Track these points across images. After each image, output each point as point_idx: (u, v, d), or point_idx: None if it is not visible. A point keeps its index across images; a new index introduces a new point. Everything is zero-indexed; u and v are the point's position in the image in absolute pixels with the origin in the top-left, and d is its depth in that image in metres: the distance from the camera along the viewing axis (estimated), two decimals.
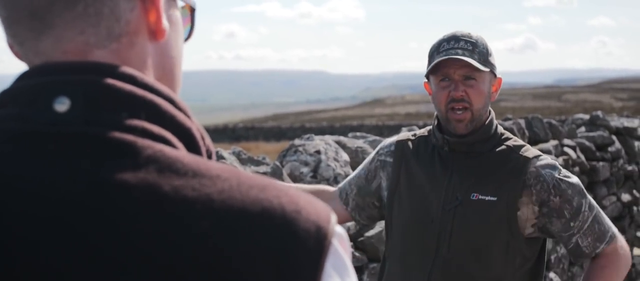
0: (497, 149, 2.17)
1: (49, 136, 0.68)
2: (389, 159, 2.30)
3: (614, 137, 6.63)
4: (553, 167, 2.14)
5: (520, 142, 2.21)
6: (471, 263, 2.11)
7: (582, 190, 2.15)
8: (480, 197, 2.10)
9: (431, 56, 2.17)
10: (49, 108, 0.69)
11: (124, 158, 0.67)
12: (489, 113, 2.20)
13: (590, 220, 2.12)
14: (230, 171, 0.70)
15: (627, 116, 7.94)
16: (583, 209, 2.12)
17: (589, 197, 2.16)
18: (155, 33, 0.77)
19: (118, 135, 0.68)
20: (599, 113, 6.84)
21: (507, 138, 2.20)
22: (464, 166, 2.16)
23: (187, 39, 0.88)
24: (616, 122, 6.99)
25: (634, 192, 6.78)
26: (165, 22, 0.77)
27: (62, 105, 0.69)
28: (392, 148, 2.31)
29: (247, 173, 0.72)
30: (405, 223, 2.21)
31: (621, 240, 2.19)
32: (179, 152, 0.70)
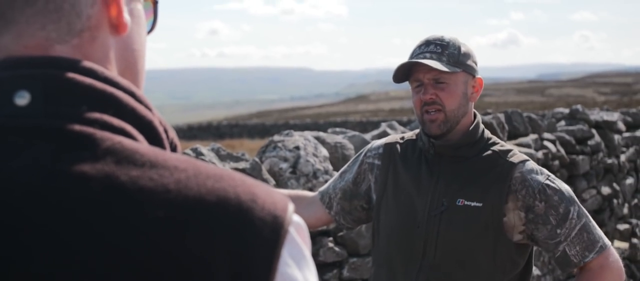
0: (484, 154, 2.16)
1: (8, 129, 0.69)
2: (377, 162, 2.30)
3: (593, 131, 6.67)
4: (539, 172, 2.12)
5: (507, 146, 2.20)
6: (457, 269, 2.11)
7: (572, 197, 2.12)
8: (465, 202, 2.10)
9: None
10: (9, 102, 0.70)
11: (82, 150, 0.68)
12: (475, 117, 2.21)
13: (578, 227, 2.09)
14: (188, 162, 0.71)
15: (607, 110, 7.98)
16: (571, 216, 2.09)
17: (579, 205, 2.13)
18: (117, 27, 0.78)
19: (77, 127, 0.69)
20: (579, 107, 6.88)
21: (494, 143, 2.19)
22: (450, 171, 2.15)
23: (150, 31, 0.88)
24: (596, 115, 7.03)
25: (614, 184, 6.83)
26: (126, 16, 0.78)
27: (22, 99, 0.69)
28: (381, 150, 2.30)
29: (206, 164, 0.73)
30: (391, 228, 2.21)
31: (613, 252, 2.14)
32: (138, 144, 0.71)
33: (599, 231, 2.14)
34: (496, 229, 2.09)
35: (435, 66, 2.08)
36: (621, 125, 7.40)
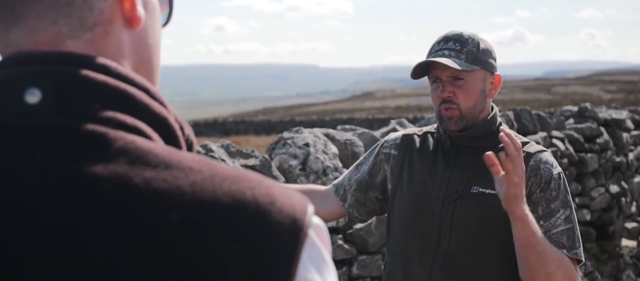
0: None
1: (18, 128, 0.67)
2: (394, 152, 2.30)
3: (602, 129, 6.63)
4: (553, 166, 2.13)
5: (524, 139, 2.21)
6: (471, 257, 2.10)
7: (568, 201, 2.11)
8: (480, 189, 2.11)
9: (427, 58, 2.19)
10: (19, 99, 0.68)
11: (94, 150, 0.66)
12: (492, 110, 2.22)
13: (560, 228, 2.08)
14: (203, 163, 0.69)
15: (616, 108, 7.94)
16: (557, 215, 2.08)
17: (572, 212, 2.11)
18: (131, 21, 0.75)
19: (89, 126, 0.67)
20: (588, 105, 6.84)
21: None
22: (465, 161, 2.16)
23: (165, 24, 0.86)
24: (604, 113, 6.99)
25: (622, 183, 6.79)
26: (140, 10, 0.76)
27: (33, 96, 0.67)
28: (398, 141, 2.31)
29: (222, 164, 0.70)
30: (405, 217, 2.21)
31: (578, 270, 2.09)
32: (152, 143, 0.68)
33: (580, 245, 2.10)
34: (509, 217, 2.07)
35: (452, 65, 2.08)
36: (630, 124, 7.36)
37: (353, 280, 3.68)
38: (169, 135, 0.72)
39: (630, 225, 6.85)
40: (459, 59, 2.11)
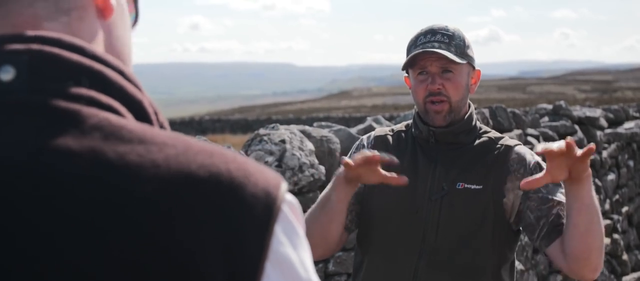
0: (478, 141, 2.19)
1: None
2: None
3: (576, 127, 6.70)
4: (532, 155, 2.16)
5: (499, 134, 2.23)
6: (458, 253, 2.10)
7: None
8: (466, 186, 2.11)
9: (409, 50, 2.17)
10: None
11: (68, 126, 0.66)
12: (469, 107, 2.22)
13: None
14: (178, 138, 0.70)
15: (590, 106, 8.03)
16: (560, 189, 2.05)
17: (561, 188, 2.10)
18: (103, 10, 0.77)
19: (63, 103, 0.67)
20: (562, 103, 6.91)
21: (486, 132, 2.23)
22: (447, 157, 2.16)
23: (133, 24, 0.88)
24: (579, 111, 7.07)
25: (596, 180, 6.86)
26: (112, 0, 0.78)
27: (6, 74, 0.68)
28: (372, 141, 2.27)
29: (196, 140, 0.71)
30: (386, 214, 2.17)
31: None
32: (126, 120, 0.69)
33: None
34: (496, 211, 2.09)
35: (450, 56, 2.08)
36: (603, 122, 7.45)
37: (329, 277, 3.69)
38: (142, 117, 0.73)
39: (603, 222, 6.91)
40: (450, 51, 2.10)
